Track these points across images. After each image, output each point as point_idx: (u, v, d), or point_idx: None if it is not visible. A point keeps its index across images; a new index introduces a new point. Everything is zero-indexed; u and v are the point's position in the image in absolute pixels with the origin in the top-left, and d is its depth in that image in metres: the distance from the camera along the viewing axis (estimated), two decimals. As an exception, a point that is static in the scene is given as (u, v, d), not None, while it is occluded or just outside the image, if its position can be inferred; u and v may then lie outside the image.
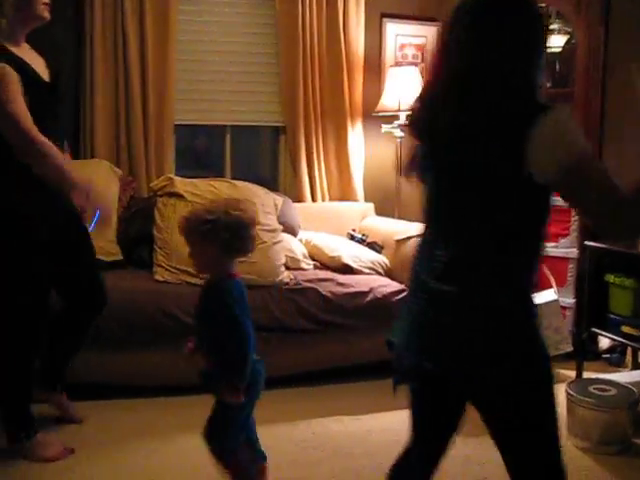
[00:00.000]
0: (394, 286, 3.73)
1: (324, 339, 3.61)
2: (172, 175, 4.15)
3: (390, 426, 3.12)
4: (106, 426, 3.12)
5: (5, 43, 2.69)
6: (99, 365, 3.30)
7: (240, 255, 2.28)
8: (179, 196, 3.90)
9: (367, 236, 4.27)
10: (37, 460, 2.76)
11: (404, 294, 3.57)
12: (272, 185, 4.68)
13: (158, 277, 3.63)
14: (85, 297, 3.05)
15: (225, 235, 2.17)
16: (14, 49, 2.71)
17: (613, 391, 3.04)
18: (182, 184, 3.97)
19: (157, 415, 3.26)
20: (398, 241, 3.97)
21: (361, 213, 4.69)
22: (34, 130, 2.62)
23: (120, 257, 3.86)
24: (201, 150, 5.38)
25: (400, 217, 4.59)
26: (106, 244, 3.71)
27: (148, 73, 4.45)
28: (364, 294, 3.64)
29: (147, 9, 4.41)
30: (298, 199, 4.70)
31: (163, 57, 4.49)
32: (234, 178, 4.55)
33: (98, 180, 3.33)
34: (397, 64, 4.85)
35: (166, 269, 3.65)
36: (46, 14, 2.77)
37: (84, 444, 2.92)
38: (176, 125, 4.63)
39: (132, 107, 4.38)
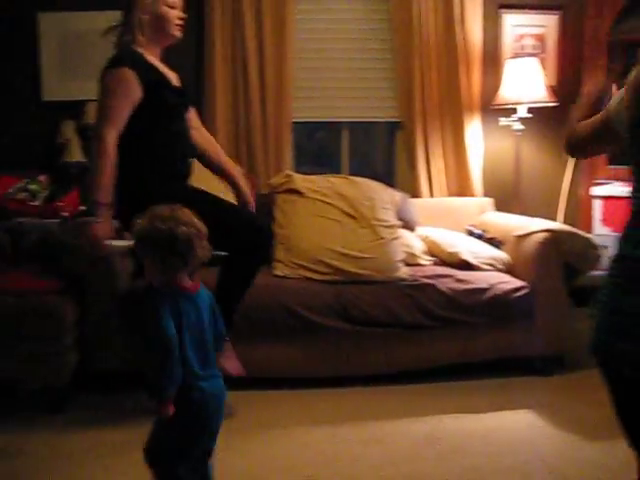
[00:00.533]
0: (514, 283, 3.65)
1: (442, 336, 3.58)
2: (291, 172, 4.22)
3: (509, 425, 3.07)
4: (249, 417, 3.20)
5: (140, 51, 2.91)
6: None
7: (184, 269, 2.07)
8: (298, 193, 3.96)
9: (486, 232, 4.20)
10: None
11: (524, 291, 3.56)
12: (388, 181, 4.66)
13: (278, 272, 3.69)
14: (251, 238, 3.04)
15: (158, 251, 2.03)
16: (148, 57, 2.91)
17: None
18: (301, 181, 4.04)
19: (284, 407, 3.33)
20: (518, 237, 3.88)
21: (479, 208, 4.61)
22: (108, 132, 2.80)
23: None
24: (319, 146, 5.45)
25: (520, 212, 4.49)
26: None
27: (266, 72, 4.55)
28: (483, 291, 3.58)
29: (265, 10, 4.51)
30: (415, 195, 4.68)
31: (281, 56, 4.57)
32: (350, 174, 4.59)
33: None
34: (515, 55, 4.74)
35: (286, 264, 3.71)
36: (178, 33, 2.99)
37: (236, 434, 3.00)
38: (293, 122, 4.71)
39: (251, 106, 4.49)
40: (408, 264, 3.81)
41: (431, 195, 4.75)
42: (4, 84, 4.67)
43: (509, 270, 3.85)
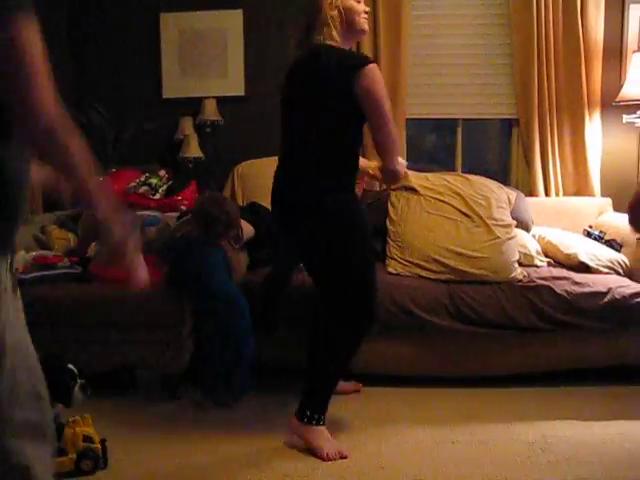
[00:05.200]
0: (634, 287, 3.52)
1: (557, 340, 3.50)
2: (405, 169, 4.21)
3: (625, 436, 2.97)
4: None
5: None
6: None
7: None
8: (413, 190, 3.96)
9: (605, 233, 4.07)
10: (309, 447, 2.80)
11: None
12: (502, 179, 4.58)
13: (391, 269, 3.70)
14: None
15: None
16: None
17: None
18: (416, 178, 4.03)
19: (383, 404, 3.36)
20: (640, 239, 3.76)
21: (598, 209, 4.47)
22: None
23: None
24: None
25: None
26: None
27: (381, 69, 4.53)
28: (602, 294, 3.47)
29: (380, 6, 4.55)
30: (531, 193, 4.59)
31: (396, 52, 4.60)
32: (464, 172, 4.54)
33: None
34: (642, 49, 4.57)
35: (399, 262, 3.72)
36: (367, 27, 2.85)
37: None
38: (407, 119, 4.71)
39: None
40: (523, 264, 3.74)
41: (547, 194, 4.65)
42: (128, 82, 4.89)
43: (629, 274, 3.73)
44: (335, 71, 2.62)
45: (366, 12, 2.81)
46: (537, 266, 3.81)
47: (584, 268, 3.71)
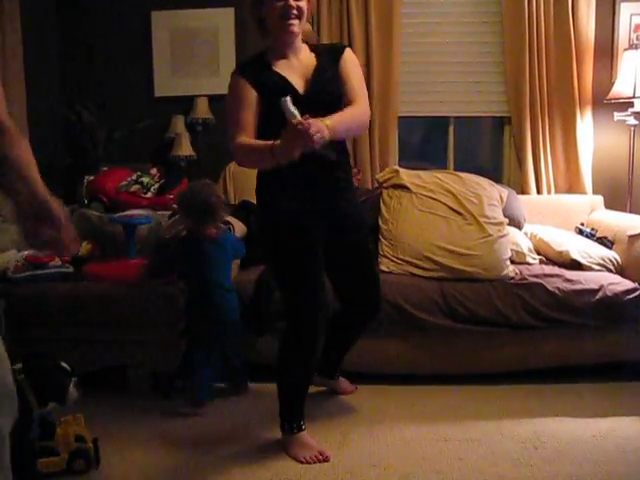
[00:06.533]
0: (626, 284, 3.52)
1: (549, 337, 3.50)
2: (397, 167, 4.22)
3: (617, 432, 2.97)
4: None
5: (271, 59, 2.76)
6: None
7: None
8: (405, 188, 3.96)
9: (596, 231, 4.08)
10: (290, 455, 2.78)
11: (636, 293, 3.44)
12: (494, 176, 4.58)
13: (383, 267, 3.70)
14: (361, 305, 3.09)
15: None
16: (278, 63, 2.75)
17: None
18: (408, 176, 4.03)
19: (382, 402, 3.36)
20: (631, 237, 3.75)
21: (589, 206, 4.48)
22: (236, 142, 2.61)
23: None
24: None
25: (632, 211, 4.35)
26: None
27: (373, 67, 4.57)
28: (593, 292, 3.47)
29: (371, 5, 4.55)
30: (522, 191, 4.61)
31: (388, 51, 4.61)
32: (456, 169, 4.55)
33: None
34: (632, 47, 4.56)
35: (391, 260, 3.72)
36: (292, 29, 2.67)
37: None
38: (399, 117, 4.72)
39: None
40: (515, 262, 3.75)
41: (539, 192, 4.66)
42: (120, 81, 4.87)
43: (620, 271, 3.74)
44: None
45: (291, 7, 2.65)
46: (529, 264, 3.82)
47: (576, 265, 3.72)
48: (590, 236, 4.05)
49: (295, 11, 2.63)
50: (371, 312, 3.10)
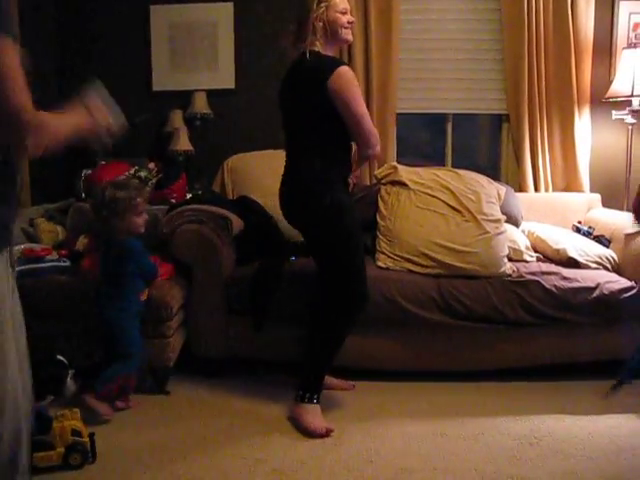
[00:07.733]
0: (623, 282, 3.53)
1: (546, 334, 3.50)
2: (396, 163, 4.22)
3: (612, 431, 2.98)
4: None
5: None
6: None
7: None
8: (403, 184, 3.96)
9: (594, 229, 4.09)
10: (300, 426, 2.98)
11: (633, 291, 3.45)
12: (492, 174, 4.59)
13: (380, 264, 3.70)
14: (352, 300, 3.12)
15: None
16: None
17: None
18: (406, 173, 4.03)
19: (385, 398, 3.37)
20: (628, 235, 3.76)
21: (587, 204, 4.49)
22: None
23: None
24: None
25: (629, 210, 4.35)
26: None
27: (372, 64, 4.57)
28: (590, 290, 3.47)
29: (371, 2, 4.55)
30: (520, 188, 4.61)
31: (386, 48, 4.61)
32: (454, 166, 4.55)
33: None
34: (631, 45, 4.57)
35: (388, 256, 3.71)
36: (350, 37, 3.08)
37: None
38: (398, 114, 4.72)
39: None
40: (512, 259, 3.75)
41: (537, 190, 4.67)
42: (118, 74, 4.85)
43: (617, 269, 3.75)
44: (312, 73, 2.92)
45: (350, 22, 3.03)
46: (526, 261, 3.82)
47: (573, 263, 3.72)
48: (587, 234, 4.06)
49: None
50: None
